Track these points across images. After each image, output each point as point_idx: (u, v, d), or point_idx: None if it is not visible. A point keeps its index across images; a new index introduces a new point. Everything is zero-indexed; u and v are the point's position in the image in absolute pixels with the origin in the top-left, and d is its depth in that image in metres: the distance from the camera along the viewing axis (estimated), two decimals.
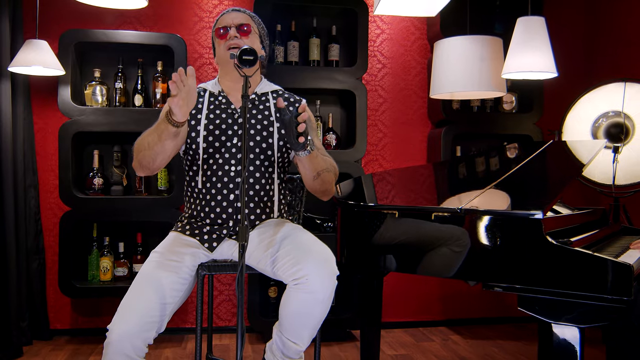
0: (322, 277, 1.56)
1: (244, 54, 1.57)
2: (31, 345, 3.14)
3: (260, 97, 1.96)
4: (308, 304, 1.57)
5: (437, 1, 2.48)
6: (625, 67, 3.47)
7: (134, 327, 1.61)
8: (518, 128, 3.62)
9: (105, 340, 1.62)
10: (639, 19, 3.43)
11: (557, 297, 1.71)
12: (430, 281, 3.69)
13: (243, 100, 1.58)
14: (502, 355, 3.11)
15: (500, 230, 1.80)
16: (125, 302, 1.68)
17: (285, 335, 1.65)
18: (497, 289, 1.83)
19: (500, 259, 1.80)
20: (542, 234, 1.72)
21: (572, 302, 1.69)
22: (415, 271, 2.06)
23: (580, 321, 1.70)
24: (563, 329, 1.73)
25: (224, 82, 1.97)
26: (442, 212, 1.93)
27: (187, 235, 1.87)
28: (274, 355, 1.72)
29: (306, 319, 1.60)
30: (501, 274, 1.80)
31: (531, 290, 1.76)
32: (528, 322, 3.75)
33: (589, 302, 1.67)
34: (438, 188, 2.81)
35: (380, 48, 3.65)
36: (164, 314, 1.69)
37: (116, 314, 1.65)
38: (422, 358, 3.05)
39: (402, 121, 3.69)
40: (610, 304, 1.64)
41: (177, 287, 1.74)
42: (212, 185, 1.86)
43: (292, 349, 1.67)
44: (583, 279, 1.65)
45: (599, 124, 3.28)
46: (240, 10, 1.95)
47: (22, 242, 3.07)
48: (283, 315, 1.63)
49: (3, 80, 2.91)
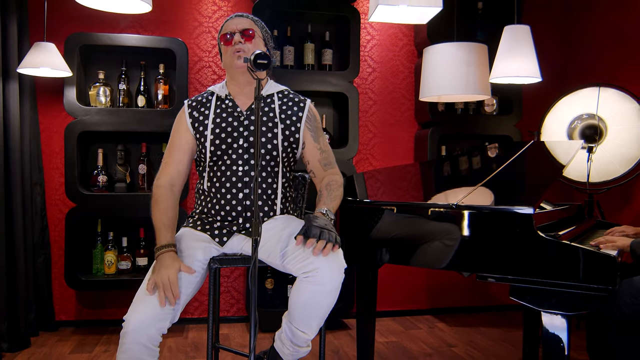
0: (331, 270, 1.57)
1: (259, 58, 1.56)
2: (38, 336, 3.09)
3: (266, 98, 1.95)
4: (317, 295, 1.57)
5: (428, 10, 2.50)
6: (599, 72, 3.54)
7: (150, 317, 1.60)
8: (499, 129, 3.67)
9: (122, 331, 1.60)
10: (611, 28, 3.49)
11: (547, 286, 1.74)
12: (417, 273, 3.72)
13: (255, 102, 1.57)
14: (485, 341, 3.15)
15: (494, 225, 1.82)
16: (140, 294, 1.66)
17: (295, 324, 1.65)
18: (490, 280, 1.85)
19: (493, 251, 1.82)
20: (533, 228, 1.75)
21: (561, 291, 1.72)
22: (408, 263, 2.08)
23: (567, 309, 1.73)
24: (552, 316, 1.76)
25: (231, 86, 1.95)
26: (439, 208, 1.95)
27: (198, 231, 1.86)
28: (283, 344, 1.72)
29: (315, 309, 1.60)
30: (494, 265, 1.82)
31: (522, 281, 1.78)
32: (507, 310, 3.81)
33: (576, 292, 1.70)
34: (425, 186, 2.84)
35: (370, 53, 3.66)
36: (178, 305, 1.68)
37: (132, 306, 1.64)
38: (411, 345, 3.07)
39: (390, 122, 3.71)
40: (596, 293, 1.68)
41: (190, 279, 1.73)
42: (221, 185, 1.85)
43: (301, 338, 1.67)
44: (572, 270, 1.69)
45: (575, 125, 3.34)
46: (243, 15, 1.93)
47: (29, 238, 3.02)
48: (293, 306, 1.63)
49: (11, 81, 2.86)
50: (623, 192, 3.30)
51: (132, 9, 2.35)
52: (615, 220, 3.30)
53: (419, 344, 3.08)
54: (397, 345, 3.07)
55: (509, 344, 3.09)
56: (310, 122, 1.95)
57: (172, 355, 2.86)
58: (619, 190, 3.30)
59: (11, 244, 2.88)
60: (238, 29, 1.88)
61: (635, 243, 1.90)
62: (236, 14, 1.96)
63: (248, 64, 1.59)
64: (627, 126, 3.13)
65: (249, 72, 1.60)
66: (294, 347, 1.70)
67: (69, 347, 2.94)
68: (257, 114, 1.56)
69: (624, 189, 3.27)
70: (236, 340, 3.12)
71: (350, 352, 2.93)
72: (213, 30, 3.45)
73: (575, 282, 1.69)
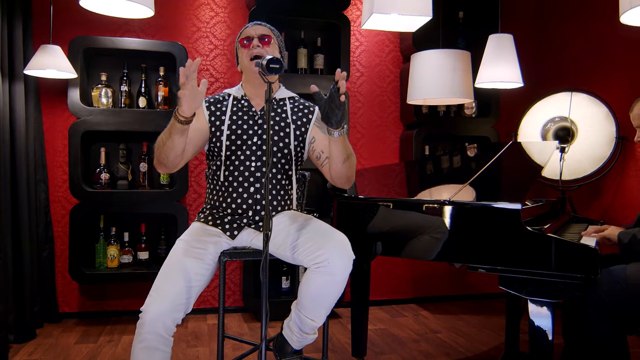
0: (342, 260, 1.58)
1: (271, 62, 1.57)
2: (42, 328, 3.05)
3: (279, 102, 1.96)
4: (328, 285, 1.59)
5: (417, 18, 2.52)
6: (571, 77, 3.62)
7: (166, 309, 1.59)
8: (478, 130, 3.73)
9: (139, 321, 1.59)
10: (582, 37, 3.58)
11: (534, 276, 1.78)
12: (401, 265, 3.77)
13: (267, 104, 1.58)
14: (467, 327, 3.20)
15: (485, 220, 1.86)
16: (156, 287, 1.65)
17: (304, 312, 1.67)
18: (481, 270, 1.89)
19: (484, 244, 1.86)
20: (521, 222, 1.80)
21: (546, 280, 1.77)
22: (400, 255, 2.11)
23: (552, 296, 1.78)
24: (538, 303, 1.80)
25: (247, 88, 1.96)
26: (433, 204, 1.98)
27: (210, 225, 1.86)
28: (291, 331, 1.73)
29: (324, 298, 1.62)
30: (484, 257, 1.86)
31: (511, 271, 1.82)
32: (485, 299, 3.89)
33: (560, 281, 1.75)
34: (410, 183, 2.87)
35: (359, 58, 3.68)
36: (191, 297, 1.68)
37: (148, 297, 1.63)
38: (399, 331, 3.11)
39: (377, 124, 3.74)
40: (579, 282, 1.73)
41: (202, 272, 1.72)
42: (234, 179, 1.85)
43: (309, 325, 1.68)
44: (558, 261, 1.73)
45: (548, 127, 3.41)
46: (261, 23, 1.96)
47: (34, 233, 2.97)
48: (303, 295, 1.64)
49: (17, 83, 2.80)
50: (592, 189, 3.39)
51: (136, 14, 2.31)
52: (586, 215, 3.40)
53: (406, 331, 3.12)
54: (385, 332, 3.10)
55: (489, 330, 3.15)
56: (319, 121, 1.96)
57: (174, 344, 2.83)
58: (589, 187, 3.39)
59: (17, 239, 2.82)
60: (257, 34, 1.91)
61: (622, 232, 1.96)
62: (255, 22, 1.98)
63: (259, 67, 1.60)
64: (596, 128, 3.21)
65: (261, 75, 1.60)
66: (302, 335, 1.72)
67: (74, 338, 2.90)
68: (267, 115, 1.56)
69: (593, 186, 3.36)
70: (234, 330, 3.11)
71: (343, 338, 2.96)
72: (211, 35, 3.43)
73: (560, 272, 1.74)
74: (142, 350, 1.57)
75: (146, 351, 1.57)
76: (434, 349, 2.81)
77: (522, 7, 4.00)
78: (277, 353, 1.81)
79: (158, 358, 1.58)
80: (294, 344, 1.75)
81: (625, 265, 1.87)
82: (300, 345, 1.76)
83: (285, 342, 1.77)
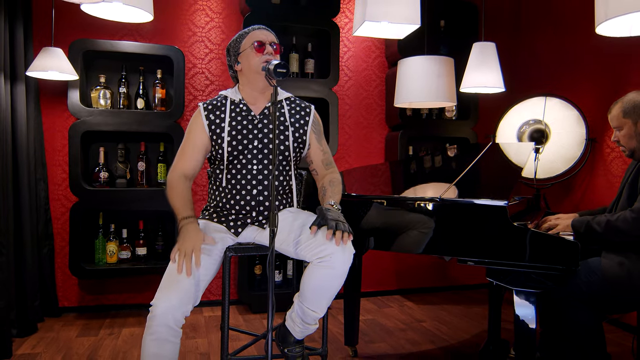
0: (344, 255, 1.60)
1: (278, 67, 1.57)
2: (43, 322, 2.99)
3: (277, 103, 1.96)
4: (329, 278, 1.60)
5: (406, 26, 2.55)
6: (544, 83, 3.70)
7: (175, 302, 1.59)
8: (458, 132, 3.78)
9: (149, 314, 1.58)
10: (554, 46, 3.66)
11: (519, 268, 1.82)
12: (387, 259, 3.80)
13: (273, 106, 1.58)
14: (450, 317, 3.25)
15: (473, 216, 1.90)
16: (166, 281, 1.64)
17: (306, 304, 1.68)
18: (469, 263, 1.93)
19: (472, 239, 1.89)
20: (507, 218, 1.84)
21: (531, 272, 1.81)
22: (390, 249, 2.13)
23: (536, 287, 1.82)
24: (522, 293, 1.84)
25: (245, 90, 1.93)
26: (425, 202, 2.01)
27: (214, 222, 1.85)
28: (294, 322, 1.74)
29: (326, 291, 1.63)
30: (473, 250, 1.90)
31: (497, 264, 1.86)
32: (465, 290, 3.95)
33: (543, 272, 1.80)
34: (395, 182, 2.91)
35: (347, 63, 3.70)
36: (199, 290, 1.68)
37: (158, 292, 1.62)
38: (386, 321, 3.14)
39: (364, 125, 3.77)
40: (560, 273, 1.78)
41: (209, 267, 1.72)
42: (237, 182, 1.85)
43: (311, 316, 1.70)
44: (541, 254, 1.78)
45: (524, 129, 3.48)
46: (270, 30, 1.92)
47: (34, 230, 2.91)
48: (305, 287, 1.65)
49: (19, 84, 2.74)
50: (564, 186, 3.48)
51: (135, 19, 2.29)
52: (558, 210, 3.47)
53: (393, 321, 3.16)
54: (374, 322, 3.13)
55: (470, 319, 3.20)
56: (315, 126, 1.97)
57: None
58: (561, 185, 3.47)
59: (19, 236, 2.77)
60: (269, 40, 1.88)
61: (576, 221, 2.01)
62: (263, 26, 1.94)
63: (266, 72, 1.60)
64: (568, 130, 3.29)
65: (267, 79, 1.60)
66: (304, 325, 1.73)
67: (75, 331, 2.86)
68: (273, 117, 1.57)
69: (564, 184, 3.45)
70: (230, 322, 3.10)
71: (334, 329, 2.98)
72: (206, 40, 3.41)
73: (543, 264, 1.78)
74: (153, 342, 1.56)
75: (157, 343, 1.56)
76: (420, 337, 2.85)
77: (500, 18, 4.07)
78: (280, 343, 1.82)
79: (168, 349, 1.58)
80: (296, 334, 1.76)
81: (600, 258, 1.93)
82: (302, 335, 1.77)
83: (288, 332, 1.77)
